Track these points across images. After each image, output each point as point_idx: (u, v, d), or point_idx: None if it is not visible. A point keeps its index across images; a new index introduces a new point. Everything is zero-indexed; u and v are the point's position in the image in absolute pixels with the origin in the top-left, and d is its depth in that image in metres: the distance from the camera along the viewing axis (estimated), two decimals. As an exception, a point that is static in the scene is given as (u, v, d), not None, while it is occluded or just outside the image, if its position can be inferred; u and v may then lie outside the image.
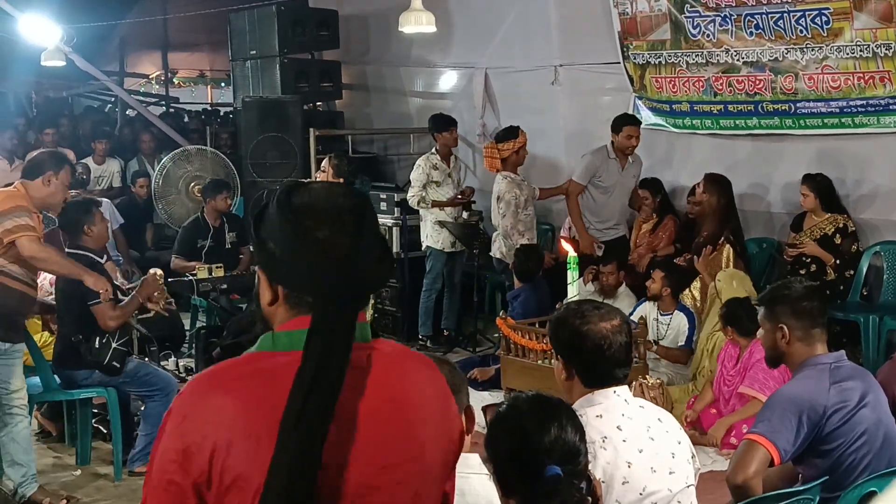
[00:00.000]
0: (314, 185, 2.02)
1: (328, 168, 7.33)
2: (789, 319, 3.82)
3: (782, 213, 8.43)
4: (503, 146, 8.51)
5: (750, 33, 7.96)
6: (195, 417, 1.86)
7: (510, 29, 10.23)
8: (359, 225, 1.94)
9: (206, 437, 1.84)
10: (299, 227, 1.92)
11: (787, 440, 3.59)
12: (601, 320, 3.17)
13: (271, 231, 1.95)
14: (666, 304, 7.64)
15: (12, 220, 5.58)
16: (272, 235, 1.95)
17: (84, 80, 15.48)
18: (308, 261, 1.91)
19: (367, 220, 1.98)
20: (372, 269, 1.95)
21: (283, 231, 1.93)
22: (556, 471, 2.40)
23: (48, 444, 6.88)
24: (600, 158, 8.71)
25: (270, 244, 1.95)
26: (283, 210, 1.94)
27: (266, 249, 1.96)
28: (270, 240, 1.95)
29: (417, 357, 2.13)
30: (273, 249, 1.95)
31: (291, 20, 11.15)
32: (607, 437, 3.05)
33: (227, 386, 1.90)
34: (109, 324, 6.03)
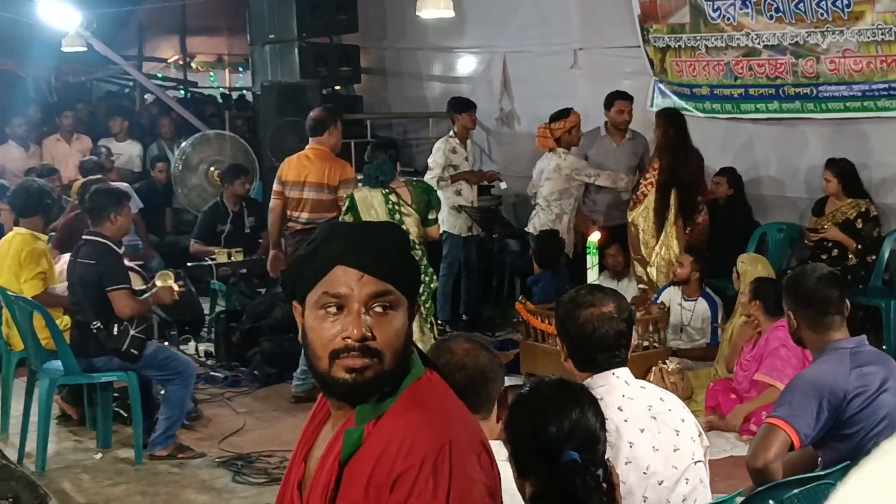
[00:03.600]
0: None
1: None
2: (797, 307, 3.86)
3: (804, 198, 8.39)
4: (555, 126, 8.56)
5: (770, 16, 7.91)
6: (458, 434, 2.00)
7: (528, 12, 10.19)
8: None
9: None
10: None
11: (808, 424, 3.58)
12: (591, 306, 3.25)
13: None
14: (691, 289, 7.65)
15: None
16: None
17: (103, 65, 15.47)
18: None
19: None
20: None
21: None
22: (573, 456, 2.40)
23: (69, 428, 6.91)
24: (591, 137, 8.86)
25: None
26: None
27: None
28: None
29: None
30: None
31: (310, 4, 11.12)
32: (609, 418, 3.06)
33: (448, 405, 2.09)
34: (126, 311, 6.05)
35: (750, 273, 7.03)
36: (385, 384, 2.00)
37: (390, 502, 1.91)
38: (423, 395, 2.02)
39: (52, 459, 6.26)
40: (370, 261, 2.01)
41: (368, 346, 1.97)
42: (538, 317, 6.93)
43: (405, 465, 1.91)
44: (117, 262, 6.18)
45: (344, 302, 1.99)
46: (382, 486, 1.92)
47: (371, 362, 1.97)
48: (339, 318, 1.99)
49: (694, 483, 3.14)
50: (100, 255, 6.09)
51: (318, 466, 2.06)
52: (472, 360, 2.90)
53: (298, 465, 2.14)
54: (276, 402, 7.36)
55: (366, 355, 1.97)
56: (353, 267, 2.00)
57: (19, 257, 6.68)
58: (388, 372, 1.99)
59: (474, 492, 1.94)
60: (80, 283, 6.13)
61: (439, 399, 2.05)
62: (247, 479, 5.94)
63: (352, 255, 2.01)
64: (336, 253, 2.02)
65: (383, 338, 1.99)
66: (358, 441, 1.98)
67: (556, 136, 8.56)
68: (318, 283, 2.02)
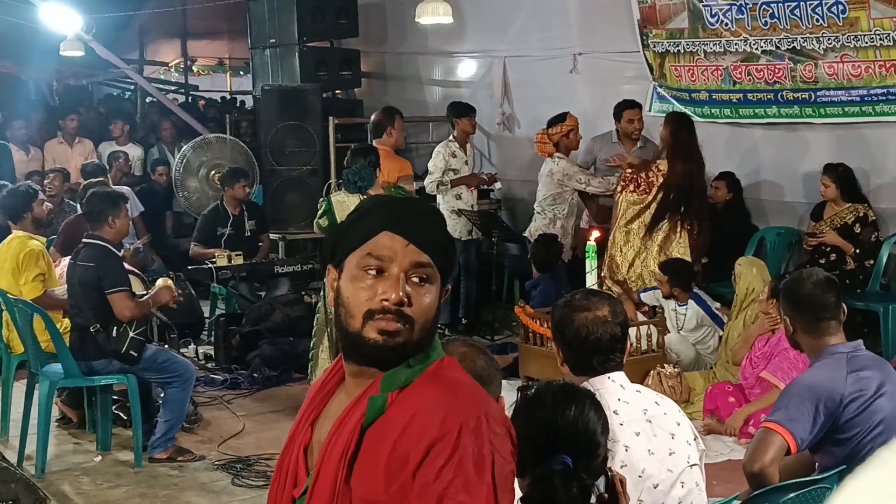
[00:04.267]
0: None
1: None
2: (792, 312, 3.88)
3: (802, 203, 8.41)
4: (553, 130, 8.57)
5: (765, 23, 7.94)
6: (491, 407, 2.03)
7: (528, 17, 10.21)
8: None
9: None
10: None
11: (804, 429, 3.60)
12: (586, 310, 3.28)
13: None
14: (681, 298, 7.66)
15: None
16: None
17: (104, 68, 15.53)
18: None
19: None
20: None
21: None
22: (565, 460, 2.41)
23: (69, 431, 6.93)
24: (601, 142, 8.87)
25: None
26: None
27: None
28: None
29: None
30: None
31: (311, 8, 11.14)
32: None
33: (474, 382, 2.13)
34: (125, 313, 6.07)
35: (746, 276, 7.05)
36: (410, 353, 2.04)
37: (423, 471, 1.91)
38: (448, 373, 2.07)
39: (52, 462, 6.27)
40: (416, 231, 2.07)
41: (403, 312, 2.01)
42: (537, 320, 6.94)
43: (441, 431, 1.92)
44: (116, 265, 6.20)
45: (385, 266, 2.04)
46: (409, 454, 1.93)
47: (403, 328, 2.01)
48: (379, 281, 2.04)
49: (689, 486, 3.16)
50: (99, 257, 6.11)
51: (333, 431, 2.06)
52: (468, 365, 2.90)
53: (305, 431, 2.15)
54: (275, 405, 7.38)
55: (399, 320, 2.02)
56: (400, 234, 2.05)
57: (17, 260, 6.71)
58: (415, 342, 2.04)
59: (508, 467, 1.98)
60: (80, 286, 6.14)
61: (464, 378, 2.09)
62: (246, 481, 5.96)
63: (400, 223, 2.07)
64: (384, 219, 2.08)
65: (418, 307, 2.03)
66: (382, 408, 2.00)
67: (553, 140, 8.57)
68: (362, 245, 2.07)
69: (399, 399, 2.01)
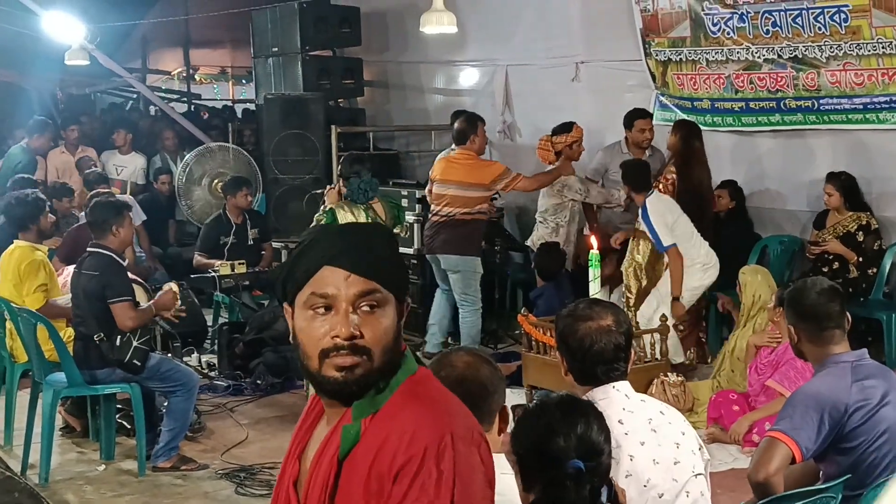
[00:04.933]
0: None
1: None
2: (796, 321, 3.89)
3: (805, 211, 8.41)
4: (557, 139, 8.54)
5: (767, 31, 7.95)
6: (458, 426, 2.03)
7: (531, 26, 10.23)
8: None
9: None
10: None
11: (809, 438, 3.60)
12: (589, 319, 3.28)
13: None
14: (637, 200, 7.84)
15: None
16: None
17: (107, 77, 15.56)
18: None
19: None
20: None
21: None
22: (578, 464, 2.43)
23: (72, 440, 6.92)
24: (611, 153, 8.81)
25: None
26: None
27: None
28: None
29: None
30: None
31: (313, 17, 11.17)
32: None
33: (452, 405, 2.11)
34: (127, 323, 6.06)
35: (751, 284, 7.05)
36: (376, 381, 2.04)
37: (393, 493, 1.93)
38: (420, 390, 2.06)
39: (56, 471, 6.25)
40: (356, 260, 2.05)
41: (357, 345, 2.01)
42: (540, 329, 6.94)
43: (407, 455, 1.94)
44: (120, 274, 6.20)
45: (332, 302, 2.03)
46: (384, 478, 1.95)
47: (360, 360, 2.01)
48: (328, 318, 2.03)
49: (694, 496, 3.16)
50: (103, 266, 6.11)
51: (313, 464, 2.08)
52: (473, 373, 2.91)
53: (293, 464, 2.17)
54: (278, 412, 7.38)
55: (355, 353, 2.01)
56: (340, 267, 2.04)
57: (19, 270, 6.70)
58: (378, 369, 2.03)
59: (476, 482, 1.98)
60: (84, 295, 6.15)
61: (436, 393, 2.08)
62: (250, 490, 5.95)
63: (338, 255, 2.05)
64: (323, 254, 2.07)
65: (371, 335, 2.03)
66: (356, 437, 2.01)
67: (556, 149, 8.54)
68: (307, 283, 2.06)
69: (372, 425, 2.02)
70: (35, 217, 6.93)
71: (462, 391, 2.85)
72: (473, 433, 2.03)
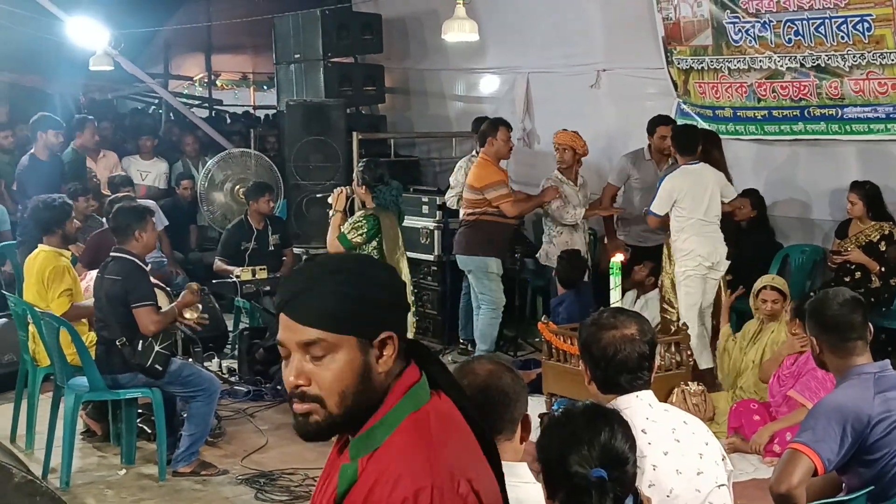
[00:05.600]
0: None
1: (356, 177, 7.46)
2: (818, 332, 3.87)
3: (827, 220, 8.38)
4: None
5: (789, 40, 7.92)
6: (441, 478, 1.95)
7: (552, 33, 10.22)
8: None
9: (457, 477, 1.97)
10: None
11: (832, 450, 3.58)
12: (613, 328, 3.27)
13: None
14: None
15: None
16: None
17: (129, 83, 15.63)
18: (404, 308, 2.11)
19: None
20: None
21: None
22: (601, 473, 2.43)
23: (93, 444, 6.96)
24: (633, 160, 8.83)
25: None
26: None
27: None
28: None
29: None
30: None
31: (335, 24, 11.20)
32: None
33: (448, 449, 2.00)
34: (150, 327, 6.10)
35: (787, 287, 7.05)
36: (340, 427, 2.02)
37: None
38: (419, 430, 2.00)
39: (77, 475, 6.29)
40: (299, 308, 2.00)
41: (306, 393, 1.98)
42: (560, 337, 6.94)
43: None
44: (143, 279, 6.23)
45: (287, 349, 2.02)
46: None
47: (312, 407, 1.99)
48: (287, 364, 2.03)
49: (717, 507, 3.15)
50: (126, 271, 6.15)
51: (313, 501, 2.09)
52: (495, 382, 2.92)
53: (318, 496, 2.15)
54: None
55: (304, 401, 1.99)
56: (289, 315, 2.01)
57: (43, 275, 6.73)
58: (338, 415, 1.99)
59: None
60: (107, 299, 6.18)
61: (435, 434, 2.00)
62: (269, 496, 5.97)
63: (286, 303, 2.02)
64: (278, 301, 2.06)
65: (319, 384, 1.98)
66: (353, 476, 1.98)
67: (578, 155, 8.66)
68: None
69: (369, 464, 1.98)
70: (61, 222, 6.97)
71: (484, 399, 2.87)
72: (459, 485, 1.95)
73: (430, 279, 9.60)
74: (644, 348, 3.26)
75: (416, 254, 9.23)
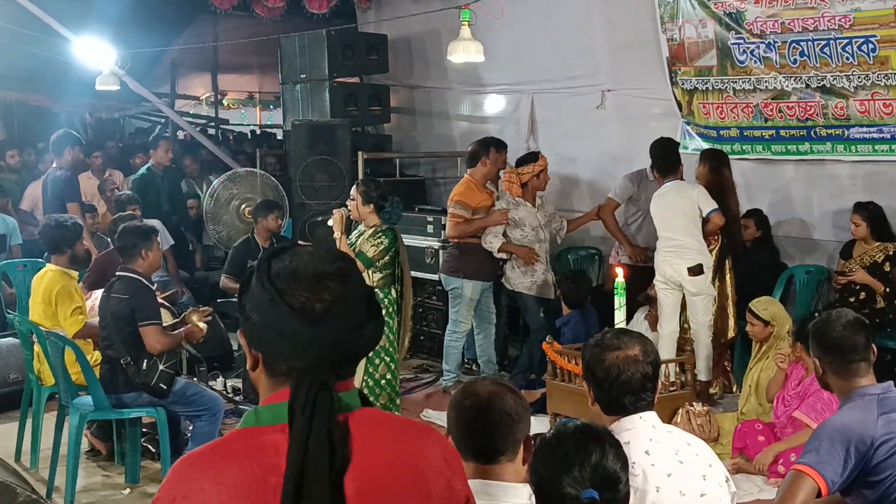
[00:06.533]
0: (298, 250, 2.01)
1: (357, 195, 7.33)
2: (821, 354, 3.87)
3: (832, 241, 8.38)
4: (523, 170, 8.45)
5: (794, 60, 7.94)
6: (195, 489, 1.86)
7: (556, 54, 10.25)
8: (339, 291, 1.94)
9: None
10: (274, 293, 1.92)
11: (835, 471, 3.58)
12: (616, 349, 3.28)
13: (251, 296, 1.97)
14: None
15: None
16: (251, 300, 1.96)
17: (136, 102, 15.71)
18: (281, 327, 1.91)
19: (349, 286, 1.96)
20: (350, 336, 1.94)
21: (261, 296, 1.94)
22: (592, 494, 2.43)
23: (97, 463, 6.97)
24: (636, 179, 8.80)
25: (249, 309, 1.96)
26: (261, 275, 1.95)
27: (245, 314, 1.97)
28: (249, 304, 1.96)
29: (411, 426, 2.10)
30: (251, 315, 1.95)
31: (341, 44, 11.24)
32: (636, 462, 3.09)
33: (213, 469, 1.88)
34: (156, 346, 6.11)
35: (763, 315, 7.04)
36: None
37: None
38: (215, 443, 1.99)
39: (81, 494, 6.30)
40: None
41: None
42: (564, 357, 6.95)
43: None
44: (150, 298, 6.25)
45: None
46: None
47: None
48: None
49: (720, 528, 3.15)
50: (133, 289, 6.17)
51: None
52: (498, 403, 2.92)
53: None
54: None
55: None
56: None
57: (51, 295, 6.76)
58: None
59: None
60: (112, 318, 6.19)
61: (207, 453, 1.95)
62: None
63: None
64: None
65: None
66: None
67: (523, 180, 8.40)
68: None
69: None
70: (71, 242, 7.01)
71: (486, 420, 2.87)
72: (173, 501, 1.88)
73: (434, 298, 9.60)
74: (647, 369, 3.27)
75: (421, 273, 9.24)
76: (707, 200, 7.61)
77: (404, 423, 2.09)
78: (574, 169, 10.33)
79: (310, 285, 1.93)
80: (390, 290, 7.14)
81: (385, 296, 7.06)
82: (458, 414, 2.96)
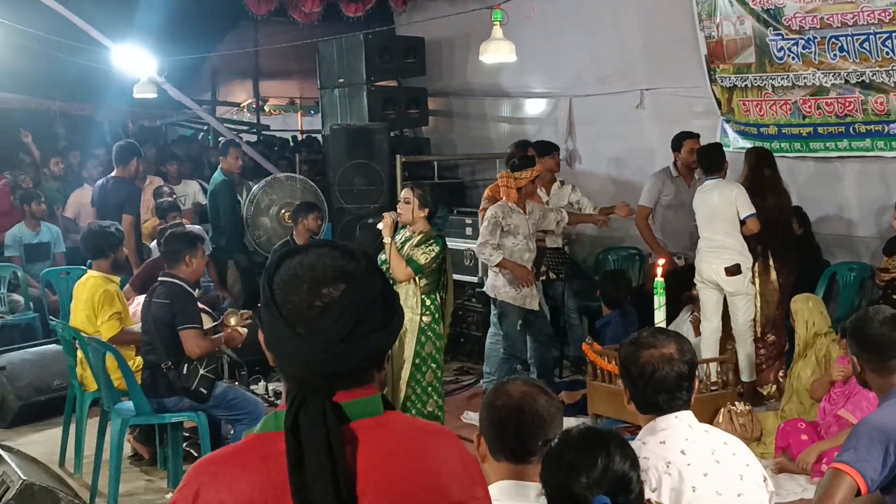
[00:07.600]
0: (311, 251, 1.94)
1: (412, 199, 7.07)
2: (859, 351, 3.83)
3: (874, 237, 8.28)
4: (520, 175, 8.00)
5: (833, 56, 7.86)
6: (209, 496, 1.85)
7: (594, 54, 10.22)
8: (334, 297, 1.87)
9: None
10: (269, 297, 1.89)
11: (874, 469, 3.54)
12: (652, 347, 3.25)
13: (262, 296, 1.94)
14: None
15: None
16: (262, 300, 1.94)
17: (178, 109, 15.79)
18: (273, 333, 1.89)
19: (350, 292, 1.87)
20: (348, 344, 1.86)
21: (263, 298, 1.92)
22: (604, 500, 2.40)
23: (140, 468, 7.03)
24: (661, 179, 8.77)
25: (260, 309, 1.94)
26: (266, 277, 1.92)
27: (258, 314, 1.96)
28: (261, 304, 1.94)
29: (432, 433, 2.04)
30: (261, 315, 1.94)
31: (378, 48, 11.27)
32: (671, 462, 3.07)
33: (229, 477, 1.85)
34: (195, 350, 6.15)
35: (803, 311, 6.99)
36: None
37: None
38: (232, 448, 1.98)
39: (124, 499, 6.35)
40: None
41: None
42: (604, 357, 6.92)
43: None
44: (191, 303, 6.30)
45: None
46: None
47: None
48: None
49: (757, 528, 3.12)
50: (174, 294, 6.22)
51: None
52: (529, 403, 2.91)
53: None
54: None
55: None
56: None
57: (93, 300, 6.83)
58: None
59: None
60: (154, 323, 6.24)
61: (222, 456, 1.94)
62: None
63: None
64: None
65: None
66: None
67: (519, 185, 7.95)
68: None
69: None
70: (113, 247, 7.09)
71: (518, 421, 2.87)
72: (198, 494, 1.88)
73: (474, 301, 9.59)
74: (683, 368, 3.23)
75: (460, 276, 9.22)
76: (745, 203, 7.51)
77: (425, 430, 2.03)
78: (614, 169, 10.29)
79: (303, 290, 1.87)
80: (435, 295, 7.00)
81: (431, 302, 6.94)
82: (491, 414, 2.96)
